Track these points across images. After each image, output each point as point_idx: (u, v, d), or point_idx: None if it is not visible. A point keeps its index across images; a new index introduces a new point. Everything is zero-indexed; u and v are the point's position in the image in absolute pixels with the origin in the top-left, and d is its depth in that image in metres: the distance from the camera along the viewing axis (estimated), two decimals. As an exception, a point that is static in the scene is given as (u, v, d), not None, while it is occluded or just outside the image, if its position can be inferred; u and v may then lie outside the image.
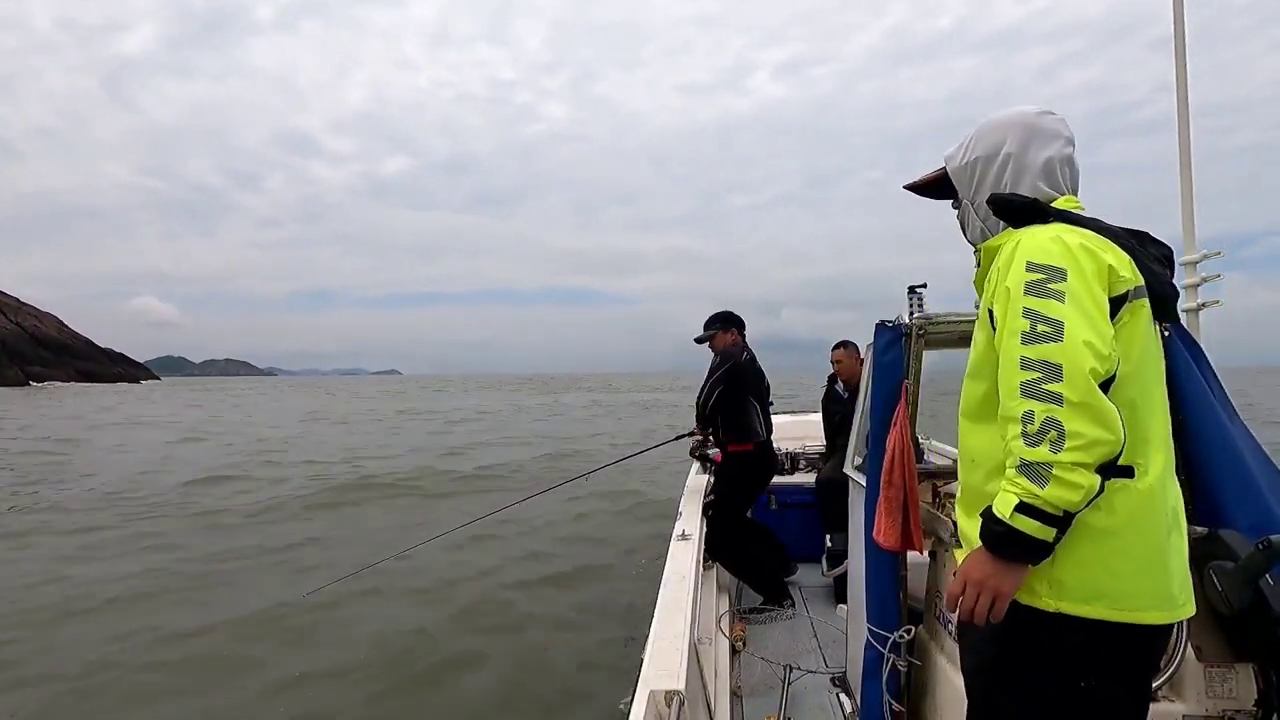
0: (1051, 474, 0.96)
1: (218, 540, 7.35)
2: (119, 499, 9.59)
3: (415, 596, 5.51)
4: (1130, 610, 1.06)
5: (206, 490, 10.27)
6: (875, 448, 2.19)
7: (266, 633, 4.77)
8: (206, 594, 5.63)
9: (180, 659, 4.37)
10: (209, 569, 6.28)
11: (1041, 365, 1.00)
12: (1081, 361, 0.98)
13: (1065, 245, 1.10)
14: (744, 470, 3.79)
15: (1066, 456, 0.95)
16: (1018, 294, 1.07)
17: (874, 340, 2.31)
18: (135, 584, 5.83)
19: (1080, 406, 0.96)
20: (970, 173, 1.33)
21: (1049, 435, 0.97)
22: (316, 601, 5.01)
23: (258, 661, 4.33)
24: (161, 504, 9.27)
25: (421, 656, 4.40)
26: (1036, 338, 1.02)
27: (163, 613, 5.17)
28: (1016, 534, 0.99)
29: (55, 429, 21.59)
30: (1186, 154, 2.73)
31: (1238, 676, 1.63)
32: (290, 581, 5.78)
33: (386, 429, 21.66)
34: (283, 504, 9.13)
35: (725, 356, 3.73)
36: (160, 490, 10.26)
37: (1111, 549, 1.07)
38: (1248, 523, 1.68)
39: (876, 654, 2.13)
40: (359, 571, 5.23)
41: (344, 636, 4.67)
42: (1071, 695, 1.09)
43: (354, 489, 10.26)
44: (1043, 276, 1.07)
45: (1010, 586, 1.03)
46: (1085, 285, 1.06)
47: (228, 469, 12.37)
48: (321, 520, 8.36)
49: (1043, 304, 1.04)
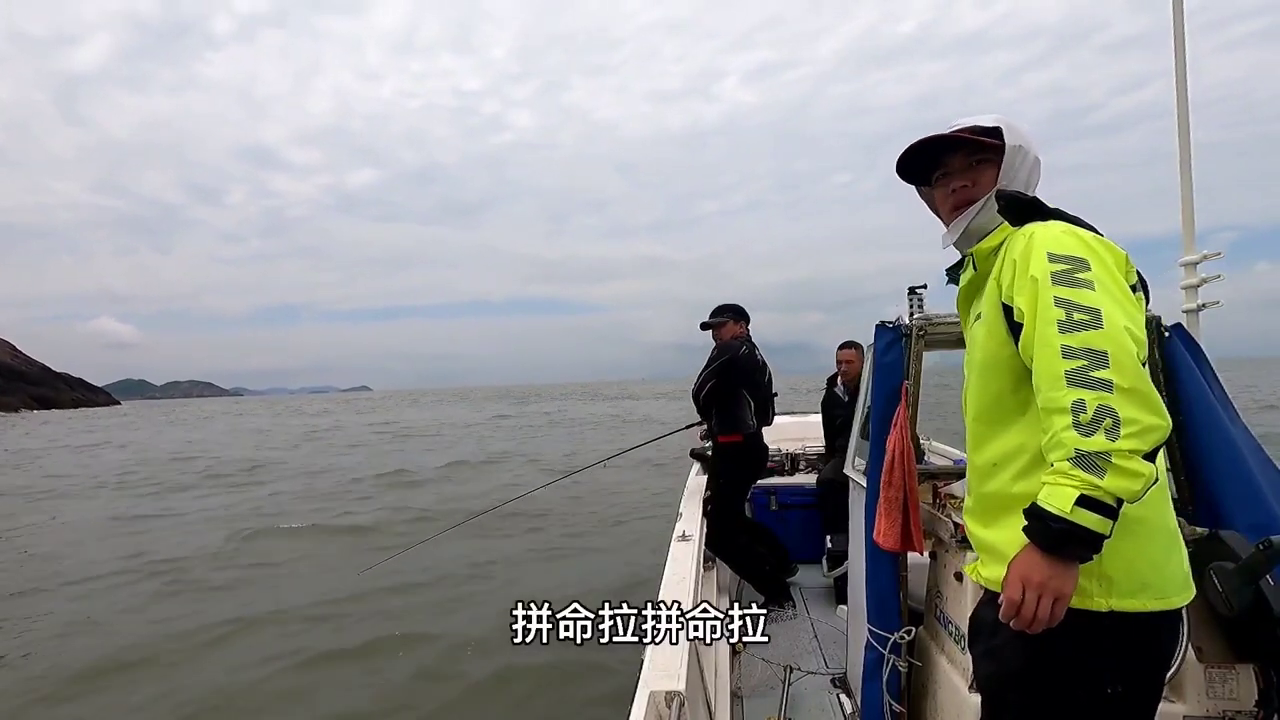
0: (1110, 463, 0.92)
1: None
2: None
3: (410, 592, 5.52)
4: (1167, 597, 1.06)
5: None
6: (875, 449, 2.18)
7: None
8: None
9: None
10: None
11: (1086, 353, 0.96)
12: (1128, 346, 0.96)
13: (1079, 238, 1.09)
14: (733, 460, 3.84)
15: (1124, 444, 0.92)
16: (1045, 283, 1.04)
17: (874, 341, 2.31)
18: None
19: (1131, 392, 0.94)
20: (1016, 156, 1.27)
21: (1104, 423, 0.93)
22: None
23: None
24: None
25: (420, 655, 4.41)
26: (1075, 325, 0.99)
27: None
28: (1078, 530, 0.94)
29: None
30: (1186, 154, 2.72)
31: (1238, 677, 1.63)
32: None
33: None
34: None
35: (723, 349, 3.79)
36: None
37: (1146, 538, 1.06)
38: (1248, 523, 1.68)
39: (877, 655, 2.13)
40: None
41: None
42: (1101, 699, 1.07)
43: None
44: (1067, 266, 1.04)
45: (1071, 586, 0.98)
46: (1110, 274, 1.05)
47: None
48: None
49: (1074, 292, 1.01)
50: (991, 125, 1.27)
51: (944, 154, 1.32)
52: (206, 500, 11.04)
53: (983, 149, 1.28)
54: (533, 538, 7.51)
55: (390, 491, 11.23)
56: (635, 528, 7.75)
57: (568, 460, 14.05)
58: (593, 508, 9.03)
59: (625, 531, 7.74)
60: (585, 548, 7.15)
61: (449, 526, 5.51)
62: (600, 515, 8.58)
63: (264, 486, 12.37)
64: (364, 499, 10.59)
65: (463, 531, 5.76)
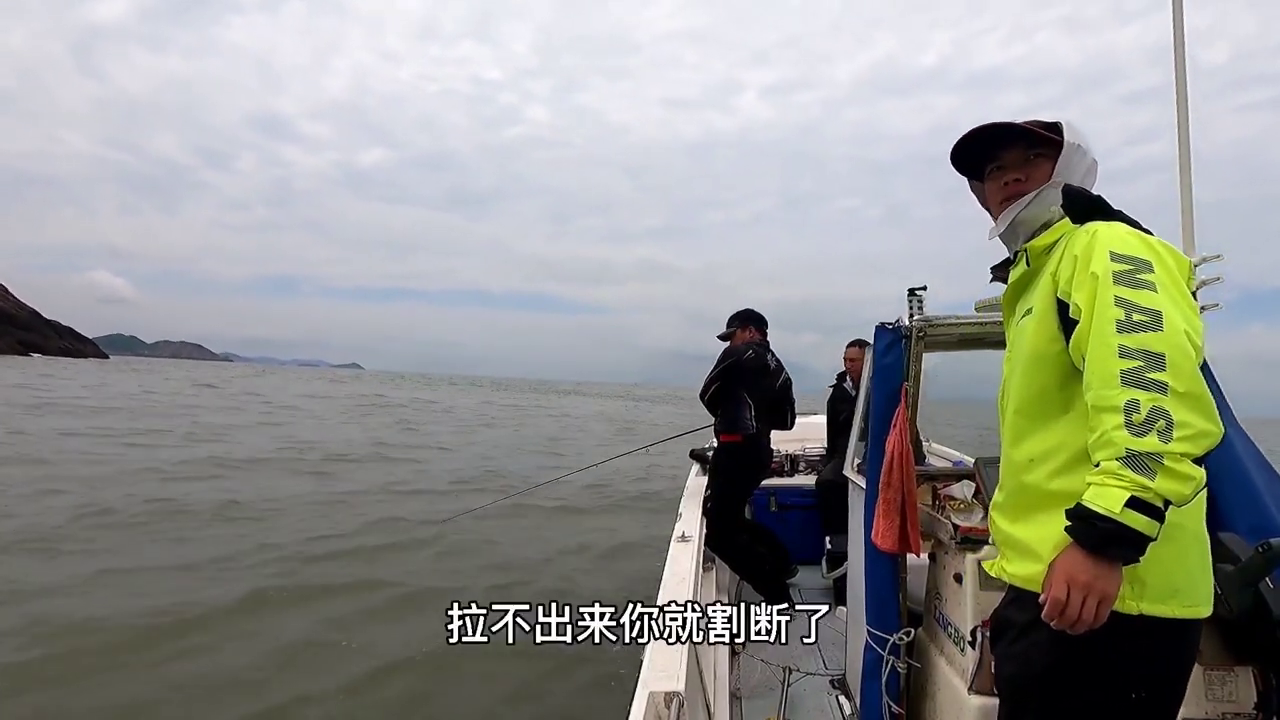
0: (1162, 465, 0.91)
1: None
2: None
3: (410, 591, 5.51)
4: (1194, 605, 1.06)
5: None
6: (875, 450, 2.19)
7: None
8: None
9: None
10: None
11: (1143, 354, 0.95)
12: (1187, 349, 0.95)
13: (1144, 239, 1.08)
14: (732, 460, 3.87)
15: (1177, 447, 0.91)
16: (1106, 282, 1.03)
17: (874, 342, 2.31)
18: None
19: (1187, 396, 0.93)
20: (1074, 154, 1.27)
21: (1157, 425, 0.92)
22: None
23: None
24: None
25: (417, 650, 4.40)
26: (1134, 326, 0.98)
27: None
28: (1125, 531, 0.93)
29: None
30: (1186, 158, 2.72)
31: (1237, 680, 1.63)
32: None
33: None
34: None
35: (728, 352, 3.85)
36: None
37: (1184, 544, 1.06)
38: (1247, 526, 1.68)
39: (876, 656, 2.13)
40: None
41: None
42: (1124, 705, 1.07)
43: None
44: (1130, 267, 1.03)
45: (1115, 588, 0.97)
46: (1172, 278, 1.04)
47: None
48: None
49: (1135, 294, 1.00)
50: (1051, 121, 1.27)
51: (999, 146, 1.31)
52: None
53: (1040, 143, 1.27)
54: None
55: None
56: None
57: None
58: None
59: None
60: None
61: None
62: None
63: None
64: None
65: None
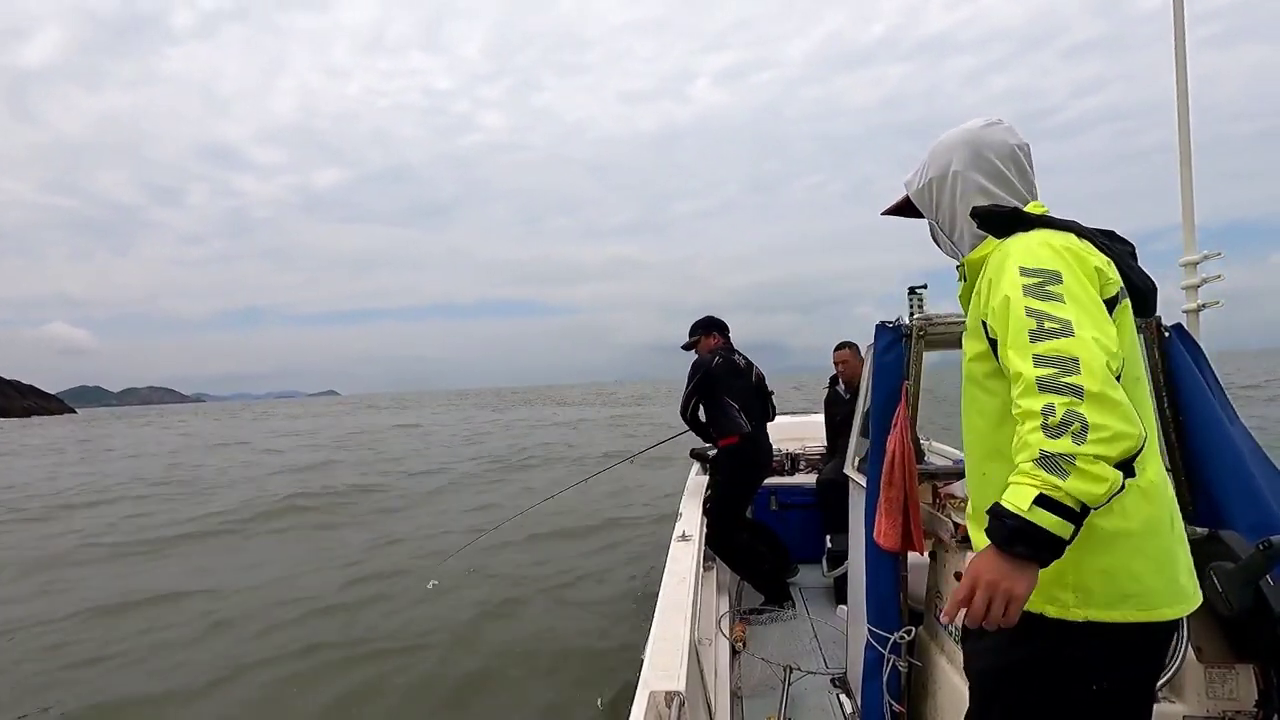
0: (1074, 465, 0.92)
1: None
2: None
3: (416, 593, 5.53)
4: (1152, 609, 1.06)
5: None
6: (875, 449, 2.18)
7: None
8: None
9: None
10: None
11: (1056, 360, 0.98)
12: (1098, 354, 0.97)
13: (1053, 249, 1.12)
14: (735, 461, 3.87)
15: (1090, 449, 0.92)
16: (1018, 298, 1.07)
17: (874, 341, 2.31)
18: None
19: (1100, 399, 0.94)
20: (928, 195, 1.40)
21: (1071, 427, 0.93)
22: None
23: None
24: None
25: (417, 648, 4.42)
26: (1046, 334, 1.01)
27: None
28: (1033, 529, 0.94)
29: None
30: (1186, 153, 2.71)
31: (1238, 677, 1.63)
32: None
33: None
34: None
35: (696, 366, 3.86)
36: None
37: (1130, 551, 1.07)
38: (1248, 523, 1.68)
39: (877, 655, 2.13)
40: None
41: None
42: (1087, 697, 1.09)
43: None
44: (1039, 280, 1.07)
45: (1024, 589, 0.97)
46: (1081, 286, 1.07)
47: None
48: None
49: (1045, 305, 1.04)
50: (907, 181, 1.46)
51: (906, 210, 1.52)
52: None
53: (903, 211, 1.49)
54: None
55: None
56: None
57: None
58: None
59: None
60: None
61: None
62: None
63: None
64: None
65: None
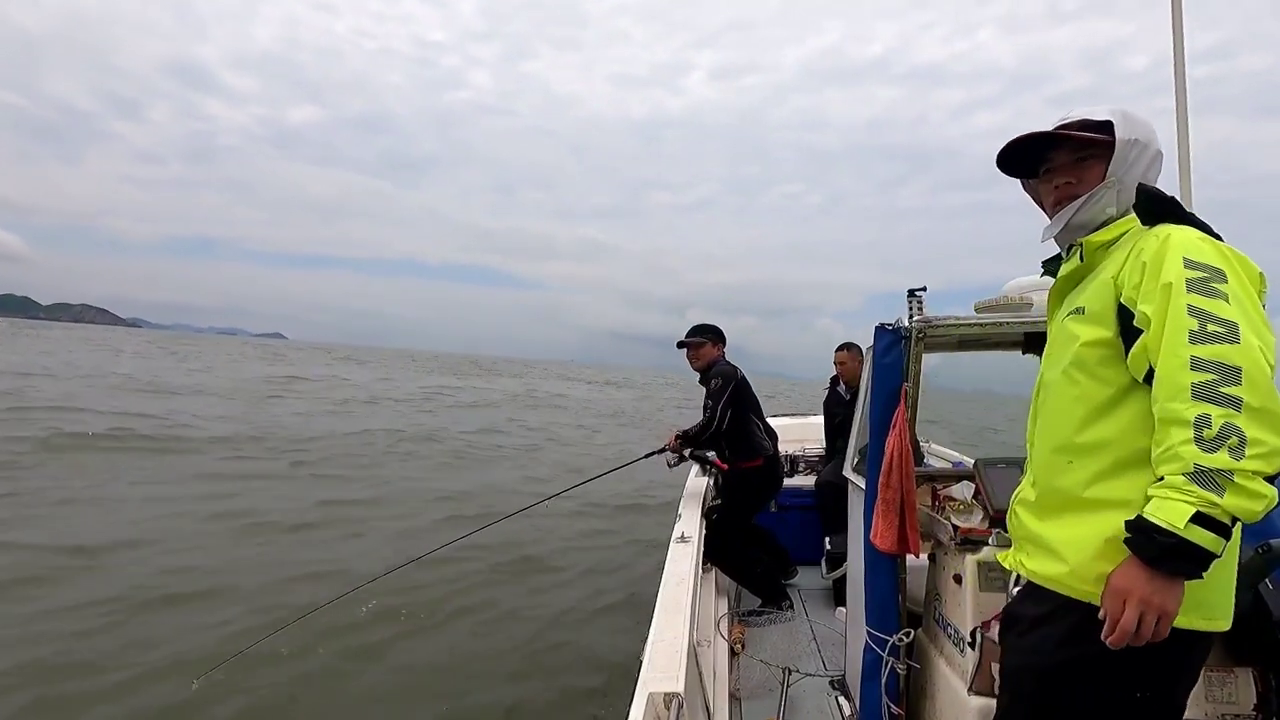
0: (1232, 482, 0.89)
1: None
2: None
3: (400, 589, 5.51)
4: (1214, 619, 1.05)
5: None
6: (874, 451, 2.18)
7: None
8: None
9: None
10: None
11: (1216, 367, 0.93)
12: (1263, 365, 0.93)
13: (1217, 247, 1.06)
14: (755, 485, 3.80)
15: (1248, 464, 0.89)
16: (1180, 289, 1.00)
17: (874, 343, 2.30)
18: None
19: (1261, 413, 0.91)
20: (1129, 151, 1.22)
21: (1228, 441, 0.90)
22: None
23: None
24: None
25: (417, 647, 4.40)
26: (1208, 337, 0.95)
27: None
28: (1189, 546, 0.91)
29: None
30: (1185, 156, 2.72)
31: (1237, 681, 1.63)
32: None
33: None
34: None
35: (726, 377, 3.67)
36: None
37: (1221, 562, 1.03)
38: (1246, 527, 1.68)
39: (875, 657, 2.13)
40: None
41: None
42: (1128, 705, 1.07)
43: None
44: (1205, 275, 1.01)
45: (1175, 604, 0.95)
46: (1245, 289, 1.02)
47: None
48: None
49: (1210, 303, 0.98)
50: (1103, 119, 1.23)
51: (1048, 148, 1.28)
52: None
53: (1089, 144, 1.24)
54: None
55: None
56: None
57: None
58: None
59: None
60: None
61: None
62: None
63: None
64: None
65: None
